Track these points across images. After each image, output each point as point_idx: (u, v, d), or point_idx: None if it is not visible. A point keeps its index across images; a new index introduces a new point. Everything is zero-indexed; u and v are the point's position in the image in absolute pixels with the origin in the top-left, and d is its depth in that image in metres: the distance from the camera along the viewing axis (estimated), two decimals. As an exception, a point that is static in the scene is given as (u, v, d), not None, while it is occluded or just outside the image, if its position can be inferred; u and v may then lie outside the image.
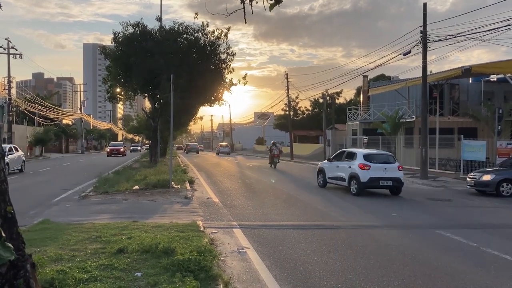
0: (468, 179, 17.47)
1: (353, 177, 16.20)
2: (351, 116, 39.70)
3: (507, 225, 10.93)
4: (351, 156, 17.17)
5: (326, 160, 19.98)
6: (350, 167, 16.56)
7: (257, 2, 3.59)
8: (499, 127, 22.57)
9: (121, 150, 55.03)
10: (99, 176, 19.09)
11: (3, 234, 2.54)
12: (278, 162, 31.94)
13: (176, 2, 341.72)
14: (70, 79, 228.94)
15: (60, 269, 5.48)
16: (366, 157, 16.47)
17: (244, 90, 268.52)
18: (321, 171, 19.02)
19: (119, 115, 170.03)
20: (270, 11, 3.60)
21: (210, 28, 24.11)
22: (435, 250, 8.02)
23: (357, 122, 37.80)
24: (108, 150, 56.18)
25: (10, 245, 2.55)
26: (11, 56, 42.94)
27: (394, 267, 6.79)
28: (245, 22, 3.69)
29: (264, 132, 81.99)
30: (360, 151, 17.55)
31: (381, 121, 31.98)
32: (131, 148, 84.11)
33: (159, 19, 25.02)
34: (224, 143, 69.76)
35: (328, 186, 18.31)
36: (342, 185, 17.30)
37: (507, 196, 15.92)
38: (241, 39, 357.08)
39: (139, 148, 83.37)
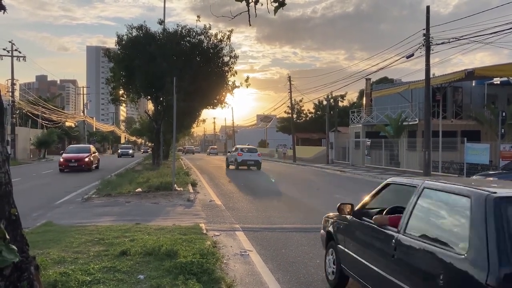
0: None
1: (235, 159, 31.68)
2: (354, 119, 39.67)
3: None
4: (236, 149, 33.13)
5: (229, 153, 37.81)
6: (235, 155, 32.08)
7: (262, 5, 3.58)
8: (503, 130, 22.50)
9: (85, 160, 28.63)
10: (102, 178, 19.11)
11: (7, 236, 2.54)
12: None
13: (179, 5, 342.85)
14: (73, 82, 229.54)
15: (63, 271, 5.48)
16: (241, 149, 32.59)
17: (246, 93, 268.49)
18: (227, 159, 34.84)
19: (122, 118, 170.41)
20: (274, 14, 3.60)
21: (213, 31, 24.19)
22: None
23: (360, 125, 37.77)
24: (60, 159, 29.11)
25: (14, 247, 2.56)
26: (14, 58, 43.16)
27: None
28: (250, 25, 3.69)
29: (266, 134, 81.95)
30: (239, 147, 34.44)
31: (384, 124, 31.93)
32: (119, 151, 63.42)
33: (162, 22, 25.07)
34: (215, 146, 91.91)
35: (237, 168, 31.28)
36: (233, 165, 32.12)
37: None
38: (243, 42, 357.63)
39: (130, 151, 62.75)
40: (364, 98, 43.54)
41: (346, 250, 5.37)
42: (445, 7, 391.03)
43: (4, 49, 42.33)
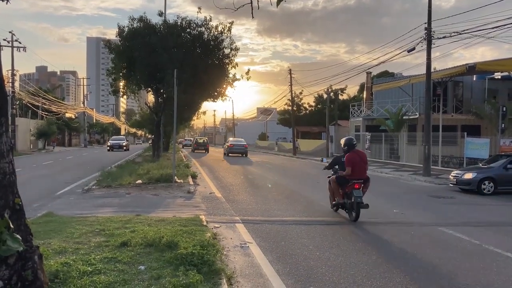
0: (450, 177, 17.45)
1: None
2: (354, 113, 39.63)
3: (510, 223, 10.92)
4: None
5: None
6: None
7: (264, -3, 3.58)
8: (503, 125, 22.49)
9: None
10: (102, 170, 19.13)
11: (12, 226, 2.57)
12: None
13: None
14: (73, 73, 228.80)
15: (64, 262, 5.51)
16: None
17: (247, 86, 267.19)
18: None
19: (122, 109, 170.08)
20: (277, 6, 3.60)
21: (213, 23, 24.05)
22: (437, 247, 8.04)
23: (360, 119, 37.74)
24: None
25: (18, 236, 2.58)
26: (14, 49, 43.07)
27: (396, 264, 6.81)
28: (252, 17, 3.70)
29: (267, 127, 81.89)
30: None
31: (384, 118, 31.91)
32: (109, 143, 52.34)
33: (161, 13, 24.93)
34: (186, 138, 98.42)
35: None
36: None
37: (489, 194, 15.89)
38: (244, 34, 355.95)
39: (124, 143, 52.27)
40: (365, 92, 43.47)
41: None
42: (447, 1, 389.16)
43: (4, 40, 42.25)
